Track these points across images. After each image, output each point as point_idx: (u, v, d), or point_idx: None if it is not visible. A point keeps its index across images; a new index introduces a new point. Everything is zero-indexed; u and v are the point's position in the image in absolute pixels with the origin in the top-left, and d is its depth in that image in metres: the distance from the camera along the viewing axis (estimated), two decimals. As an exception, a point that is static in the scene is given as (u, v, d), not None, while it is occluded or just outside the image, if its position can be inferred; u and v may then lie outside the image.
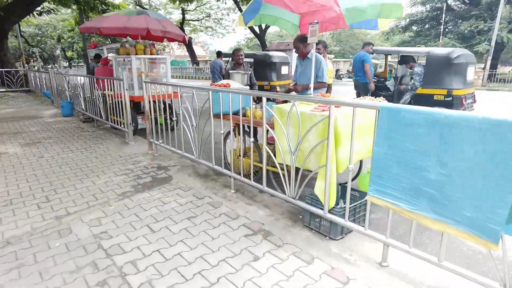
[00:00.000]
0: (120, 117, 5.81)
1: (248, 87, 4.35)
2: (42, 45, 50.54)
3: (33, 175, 4.10)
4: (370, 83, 6.98)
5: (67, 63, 51.61)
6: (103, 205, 3.25)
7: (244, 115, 3.62)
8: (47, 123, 7.67)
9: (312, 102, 2.99)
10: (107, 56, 7.16)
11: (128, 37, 7.11)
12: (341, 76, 30.74)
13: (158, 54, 6.95)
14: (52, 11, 18.09)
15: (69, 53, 50.21)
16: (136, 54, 5.89)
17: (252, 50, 54.39)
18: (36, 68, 23.97)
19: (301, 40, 4.16)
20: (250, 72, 4.80)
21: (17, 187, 3.72)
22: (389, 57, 8.68)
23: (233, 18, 35.79)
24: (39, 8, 17.43)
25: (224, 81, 3.93)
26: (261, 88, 9.66)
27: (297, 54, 4.33)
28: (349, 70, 33.99)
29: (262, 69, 9.63)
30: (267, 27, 29.06)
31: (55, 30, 41.55)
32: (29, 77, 14.87)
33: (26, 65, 22.57)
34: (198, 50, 39.48)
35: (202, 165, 4.22)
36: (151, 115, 4.85)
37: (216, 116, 3.80)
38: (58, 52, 56.51)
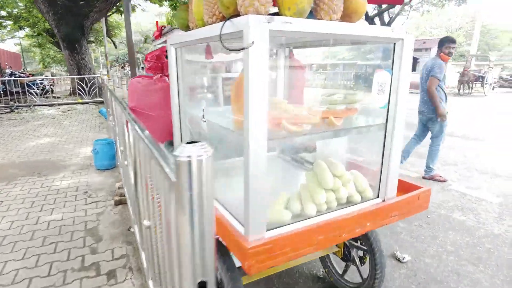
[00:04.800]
0: None
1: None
2: (145, 51, 52.30)
3: None
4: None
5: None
6: None
7: None
8: (51, 193, 3.52)
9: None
10: (164, 48, 2.57)
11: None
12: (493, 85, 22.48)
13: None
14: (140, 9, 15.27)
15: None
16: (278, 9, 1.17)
17: (352, 53, 47.36)
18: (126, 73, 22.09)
19: None
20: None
21: None
22: None
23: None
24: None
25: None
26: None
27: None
28: (502, 76, 25.27)
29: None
30: (391, 20, 22.73)
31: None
32: (103, 86, 11.87)
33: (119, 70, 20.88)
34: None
35: None
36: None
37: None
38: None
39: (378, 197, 1.56)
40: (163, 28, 4.90)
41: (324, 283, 2.23)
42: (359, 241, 1.95)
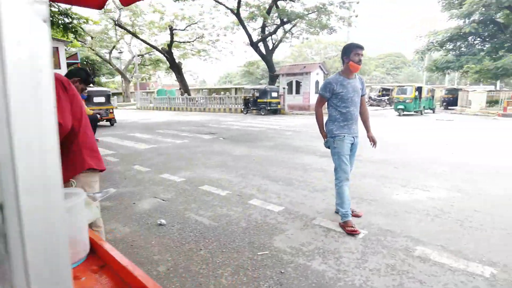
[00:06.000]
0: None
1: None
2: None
3: None
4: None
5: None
6: None
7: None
8: None
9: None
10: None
11: None
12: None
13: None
14: None
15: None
16: None
17: (246, 78, 49.40)
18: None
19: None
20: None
21: None
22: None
23: (231, 39, 30.82)
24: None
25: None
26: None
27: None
28: (371, 96, 29.03)
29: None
30: (275, 47, 23.99)
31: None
32: None
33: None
34: (187, 79, 33.68)
35: None
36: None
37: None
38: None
39: None
40: None
41: None
42: None
